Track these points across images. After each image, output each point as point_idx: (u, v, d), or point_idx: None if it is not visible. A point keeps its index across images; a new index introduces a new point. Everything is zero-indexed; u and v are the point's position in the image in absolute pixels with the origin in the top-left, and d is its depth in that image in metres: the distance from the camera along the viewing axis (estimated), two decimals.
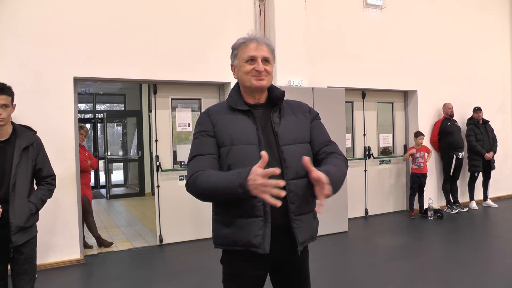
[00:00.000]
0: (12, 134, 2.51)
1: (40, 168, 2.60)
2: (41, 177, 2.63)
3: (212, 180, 1.50)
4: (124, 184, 11.20)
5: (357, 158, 6.61)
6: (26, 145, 2.50)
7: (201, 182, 1.53)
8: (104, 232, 5.91)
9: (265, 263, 1.65)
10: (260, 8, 5.54)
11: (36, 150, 2.57)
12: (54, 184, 2.71)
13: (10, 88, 2.48)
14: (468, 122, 7.02)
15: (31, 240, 2.56)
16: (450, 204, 6.77)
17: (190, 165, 1.62)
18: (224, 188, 1.46)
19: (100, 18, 4.64)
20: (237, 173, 1.45)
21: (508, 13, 8.01)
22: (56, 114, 4.41)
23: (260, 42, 1.67)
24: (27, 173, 2.51)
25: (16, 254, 2.48)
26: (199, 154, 1.61)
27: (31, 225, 2.54)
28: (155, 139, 5.27)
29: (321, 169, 1.48)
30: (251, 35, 1.69)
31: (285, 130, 1.65)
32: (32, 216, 2.53)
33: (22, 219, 2.44)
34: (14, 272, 2.51)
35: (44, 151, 2.65)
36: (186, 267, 4.34)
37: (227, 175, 1.49)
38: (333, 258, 4.53)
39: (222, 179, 1.48)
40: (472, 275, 3.85)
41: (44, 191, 2.62)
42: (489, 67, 7.66)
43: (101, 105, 12.58)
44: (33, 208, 2.51)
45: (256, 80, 1.64)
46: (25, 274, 2.52)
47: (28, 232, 2.52)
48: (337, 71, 6.07)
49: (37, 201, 2.55)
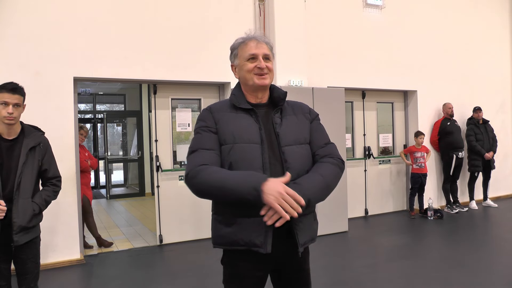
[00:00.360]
0: (20, 133, 2.52)
1: (46, 169, 2.61)
2: (47, 178, 2.64)
3: (220, 176, 1.48)
4: (124, 184, 11.20)
5: (357, 158, 6.61)
6: (33, 145, 2.52)
7: (205, 176, 1.50)
8: (104, 232, 5.92)
9: (266, 263, 1.64)
10: (260, 8, 5.54)
11: (42, 150, 2.58)
12: (59, 186, 2.71)
13: (22, 88, 2.50)
14: (468, 122, 7.02)
15: (34, 240, 2.56)
16: (450, 204, 6.77)
17: (192, 158, 1.59)
18: (234, 187, 1.44)
19: (100, 18, 4.64)
20: (253, 174, 1.45)
21: (508, 13, 8.01)
22: (56, 114, 4.41)
23: (259, 40, 1.68)
24: (33, 173, 2.51)
25: (19, 254, 2.49)
26: (202, 148, 1.59)
27: (34, 226, 2.53)
28: (155, 139, 5.27)
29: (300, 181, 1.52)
30: (249, 34, 1.70)
31: (286, 131, 1.65)
32: (35, 217, 2.52)
33: (25, 219, 2.44)
34: (18, 272, 2.53)
35: (51, 152, 2.66)
36: (186, 267, 4.34)
37: (241, 173, 1.48)
38: (333, 258, 4.53)
39: (234, 177, 1.47)
40: (472, 275, 3.85)
41: (49, 192, 2.63)
42: (488, 67, 7.66)
43: (101, 105, 12.58)
44: (36, 209, 2.51)
45: (258, 79, 1.65)
46: (28, 274, 2.53)
47: (31, 232, 2.51)
48: (337, 71, 6.07)
49: (41, 201, 2.55)
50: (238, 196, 1.44)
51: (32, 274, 2.55)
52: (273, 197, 1.38)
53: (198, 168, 1.53)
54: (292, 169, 1.58)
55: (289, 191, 1.40)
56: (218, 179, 1.48)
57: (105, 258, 4.77)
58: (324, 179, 1.56)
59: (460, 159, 6.67)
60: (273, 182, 1.41)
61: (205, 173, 1.51)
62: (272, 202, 1.38)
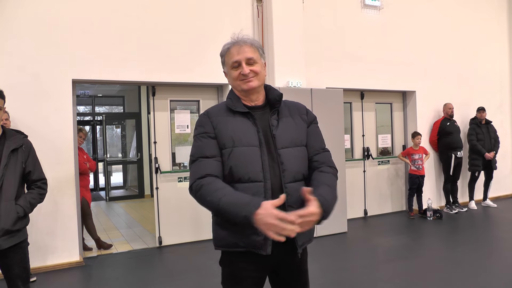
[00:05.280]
0: (1, 136, 2.46)
1: (29, 171, 2.54)
2: (31, 180, 2.57)
3: (218, 199, 1.49)
4: (123, 186, 11.19)
5: (356, 159, 6.61)
6: (14, 147, 2.46)
7: (206, 194, 1.52)
8: (103, 234, 5.91)
9: (264, 264, 1.65)
10: (258, 9, 5.55)
11: (25, 152, 2.52)
12: (45, 188, 2.63)
13: (2, 91, 2.45)
14: (471, 121, 7.04)
15: (20, 244, 2.47)
16: (450, 204, 6.77)
17: (193, 168, 1.61)
18: (229, 212, 1.47)
19: (99, 20, 4.64)
20: (246, 202, 1.46)
21: (506, 13, 8.03)
22: (55, 116, 4.41)
23: (241, 44, 1.65)
24: (16, 175, 2.45)
25: (4, 259, 2.42)
26: (202, 156, 1.60)
27: (19, 229, 2.45)
28: (154, 141, 5.27)
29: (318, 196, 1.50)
30: (233, 38, 1.68)
31: (283, 133, 1.66)
32: (20, 220, 2.44)
33: (8, 222, 2.36)
34: (6, 277, 2.47)
35: (34, 154, 2.60)
36: (186, 268, 4.33)
37: (236, 199, 1.49)
38: (332, 259, 4.53)
39: (229, 201, 1.48)
40: (471, 275, 3.85)
41: (34, 194, 2.56)
42: (487, 67, 7.67)
43: (100, 107, 12.58)
44: (20, 211, 2.43)
45: (244, 84, 1.65)
46: (17, 279, 2.46)
47: (16, 236, 2.43)
48: (336, 72, 6.08)
49: (25, 204, 2.47)
50: (235, 221, 1.48)
51: (20, 278, 2.47)
52: (264, 226, 1.40)
53: (200, 183, 1.55)
54: (287, 171, 1.60)
55: (280, 215, 1.39)
56: (216, 201, 1.49)
57: (104, 260, 4.77)
58: (334, 192, 1.60)
59: (459, 159, 6.67)
60: (264, 210, 1.40)
61: (205, 190, 1.53)
62: (265, 230, 1.41)
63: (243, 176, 1.57)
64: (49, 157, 4.20)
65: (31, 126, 4.18)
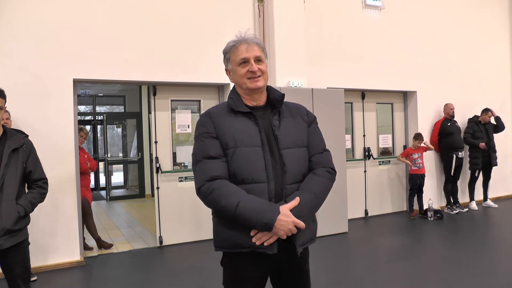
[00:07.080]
0: (2, 136, 2.46)
1: (30, 171, 2.54)
2: (32, 180, 2.57)
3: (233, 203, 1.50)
4: (124, 186, 11.19)
5: (357, 159, 6.61)
6: (15, 147, 2.46)
7: (219, 198, 1.53)
8: (104, 233, 5.91)
9: (266, 265, 1.65)
10: (259, 9, 5.54)
11: (26, 152, 2.52)
12: (45, 188, 2.63)
13: (3, 91, 2.46)
14: (469, 120, 7.05)
15: (21, 244, 2.48)
16: (450, 204, 6.77)
17: (199, 169, 1.59)
18: (247, 218, 1.50)
19: (100, 20, 4.64)
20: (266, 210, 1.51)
21: (507, 13, 8.02)
22: (56, 116, 4.41)
23: (249, 43, 1.66)
24: (16, 175, 2.45)
25: (5, 259, 2.42)
26: (206, 157, 1.59)
27: (20, 229, 2.45)
28: (154, 141, 5.27)
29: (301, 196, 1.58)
30: (239, 36, 1.68)
31: (285, 134, 1.66)
32: (21, 219, 2.45)
33: (9, 221, 2.36)
34: (6, 276, 2.47)
35: (35, 154, 2.60)
36: (186, 268, 4.33)
37: (254, 205, 1.51)
38: (333, 259, 4.52)
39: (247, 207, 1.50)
40: (473, 275, 3.85)
41: (35, 194, 2.56)
42: (488, 68, 7.66)
43: (101, 107, 12.59)
44: (21, 211, 2.43)
45: (251, 83, 1.64)
46: (18, 279, 2.45)
47: (17, 236, 2.44)
48: (337, 72, 6.07)
49: (26, 203, 2.47)
50: (250, 226, 1.53)
51: (21, 278, 2.47)
52: (283, 232, 1.51)
53: (211, 186, 1.54)
54: (289, 172, 1.61)
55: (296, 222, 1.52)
56: (232, 207, 1.50)
57: (105, 259, 4.77)
58: (317, 199, 1.63)
59: (460, 159, 6.67)
60: (284, 217, 1.50)
61: (218, 195, 1.53)
62: (281, 235, 1.52)
63: (247, 177, 1.57)
64: (50, 157, 4.20)
65: (32, 126, 4.18)
